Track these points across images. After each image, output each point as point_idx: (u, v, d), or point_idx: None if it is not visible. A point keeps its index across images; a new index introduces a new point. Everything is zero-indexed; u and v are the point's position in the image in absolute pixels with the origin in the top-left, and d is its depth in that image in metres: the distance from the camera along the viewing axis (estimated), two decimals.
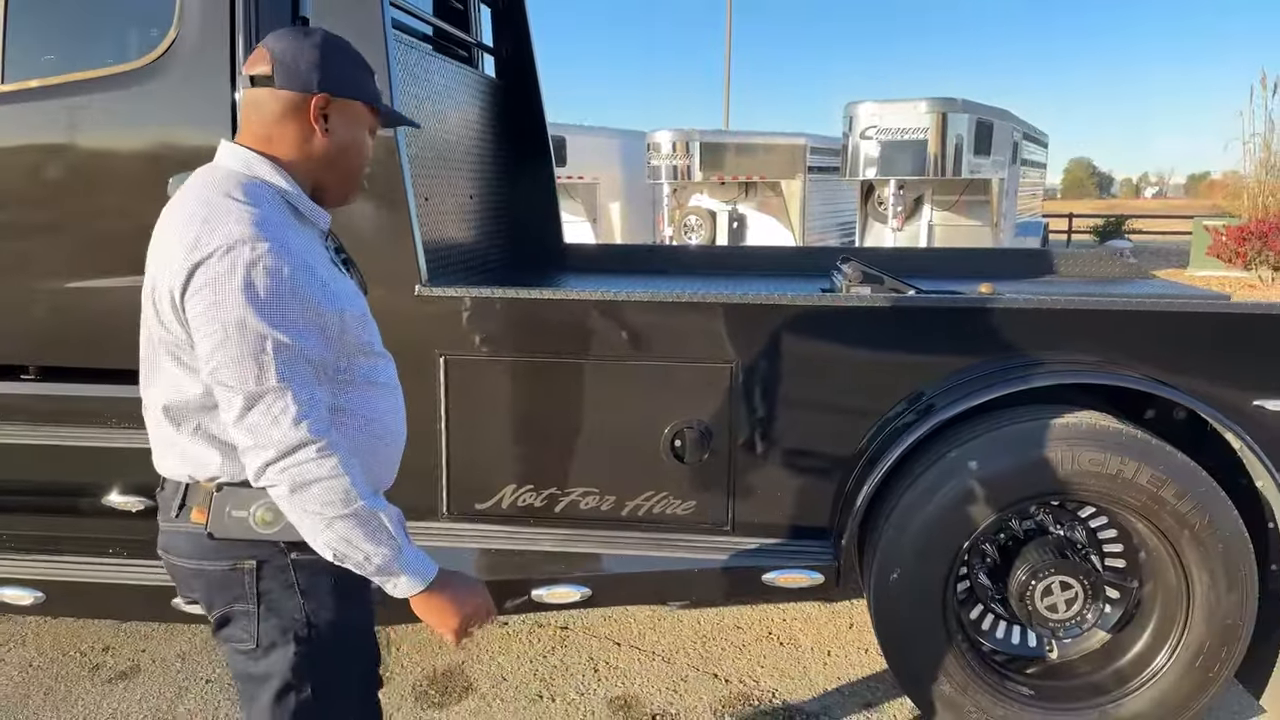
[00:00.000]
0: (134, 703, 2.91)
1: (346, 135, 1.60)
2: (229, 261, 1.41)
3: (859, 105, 12.53)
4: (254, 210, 1.46)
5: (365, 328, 1.62)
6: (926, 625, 2.58)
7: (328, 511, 1.44)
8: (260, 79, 1.55)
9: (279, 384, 1.42)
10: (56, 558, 2.91)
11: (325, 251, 1.60)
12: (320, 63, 1.56)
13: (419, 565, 1.52)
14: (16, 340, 2.96)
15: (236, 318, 1.40)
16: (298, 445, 1.43)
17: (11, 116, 2.83)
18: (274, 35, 1.61)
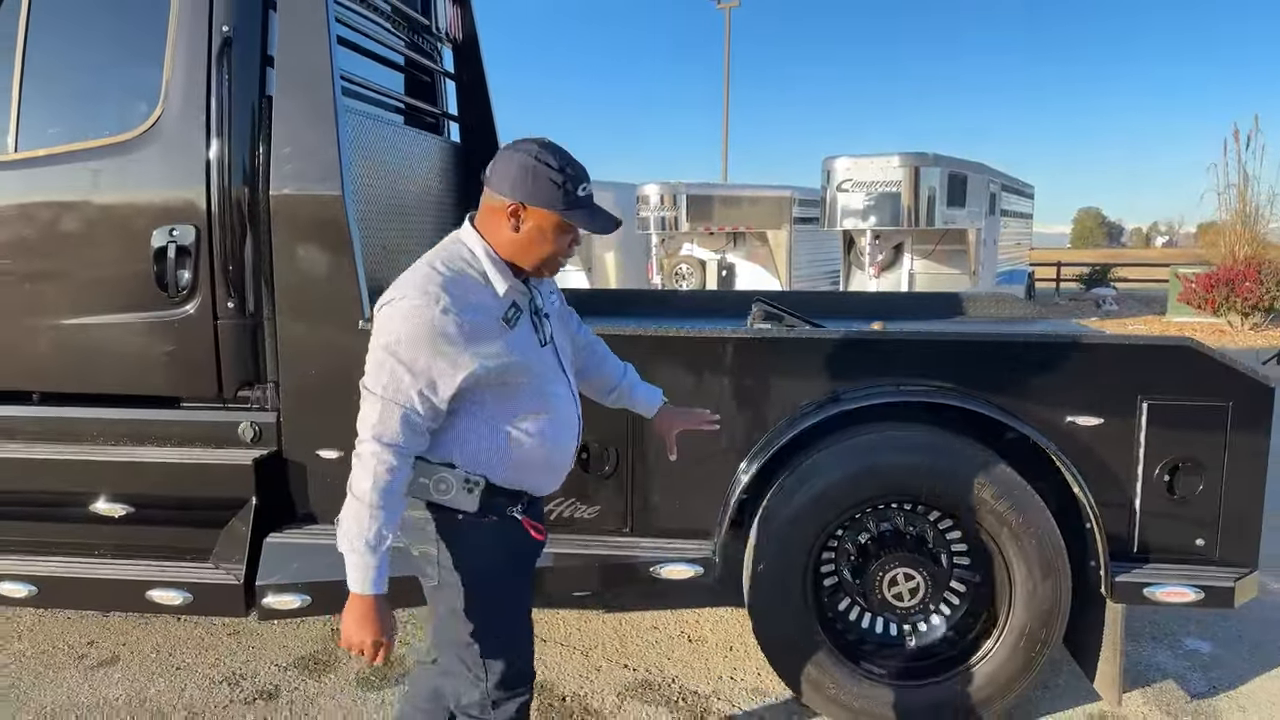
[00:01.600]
0: (112, 685, 3.33)
1: (534, 233, 1.97)
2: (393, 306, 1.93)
3: (836, 160, 13.12)
4: (442, 276, 1.93)
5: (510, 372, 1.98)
6: (789, 611, 2.99)
7: (353, 491, 1.93)
8: (486, 179, 2.00)
9: (379, 393, 1.91)
10: (47, 557, 3.36)
11: (503, 311, 1.98)
12: (522, 178, 1.93)
13: (363, 577, 1.92)
14: (23, 369, 3.44)
15: (380, 335, 1.93)
16: (365, 440, 1.93)
17: (24, 179, 3.35)
18: (509, 145, 2.01)
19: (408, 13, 4.38)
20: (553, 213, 1.94)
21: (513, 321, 1.99)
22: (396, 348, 1.90)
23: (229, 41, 3.23)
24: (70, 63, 3.40)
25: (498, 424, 2.01)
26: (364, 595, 1.92)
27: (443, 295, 1.90)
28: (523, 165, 1.94)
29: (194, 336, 3.30)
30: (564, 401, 2.12)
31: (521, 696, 2.12)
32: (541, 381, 2.06)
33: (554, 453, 2.11)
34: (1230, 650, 3.70)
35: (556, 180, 1.93)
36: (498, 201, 1.96)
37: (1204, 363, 2.92)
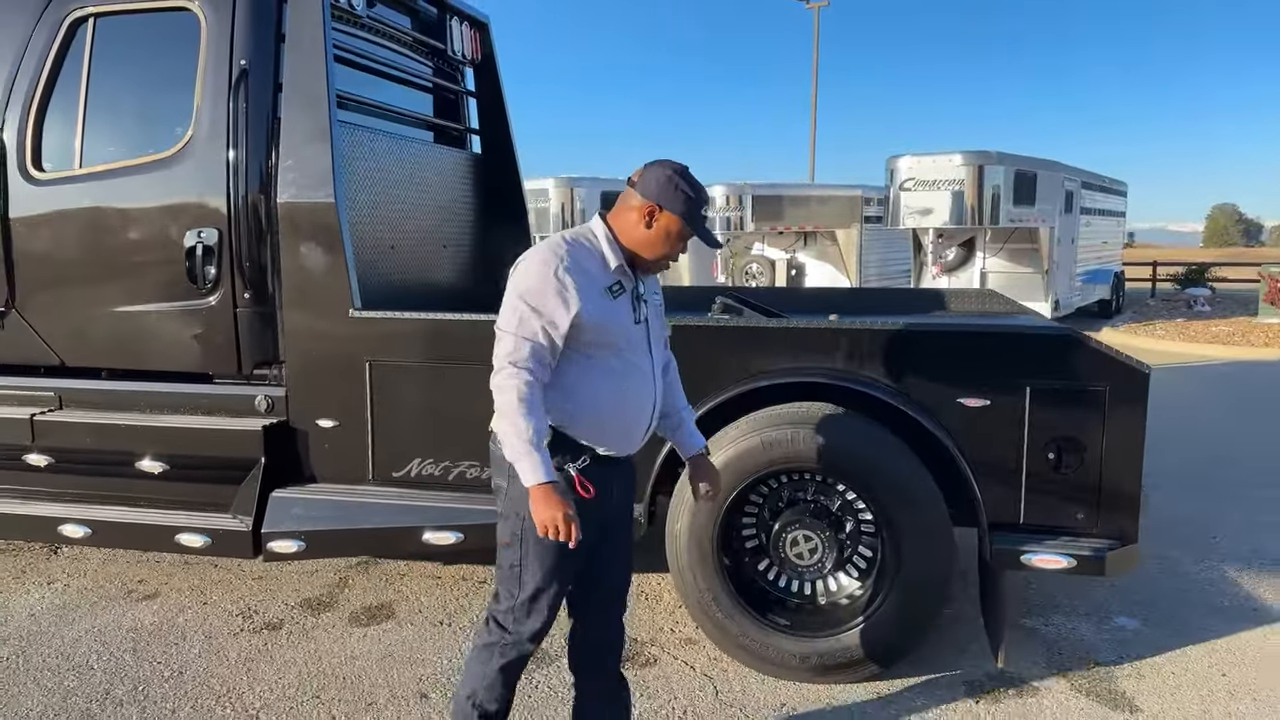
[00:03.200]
0: (149, 614, 3.97)
1: (659, 233, 2.39)
2: (527, 264, 2.35)
3: (899, 158, 13.21)
4: (566, 244, 2.37)
5: (605, 333, 2.37)
6: (700, 565, 3.38)
7: (503, 410, 2.31)
8: (631, 182, 2.42)
9: (512, 332, 2.31)
10: (101, 506, 4.03)
11: (611, 283, 2.38)
12: (666, 187, 2.37)
13: (534, 471, 2.26)
14: (89, 350, 4.11)
15: (515, 288, 2.34)
16: (503, 367, 2.31)
17: (87, 190, 4.02)
18: (653, 161, 2.44)
19: (420, 38, 4.93)
20: (680, 220, 2.38)
21: (615, 294, 2.40)
22: (526, 294, 2.31)
23: (245, 73, 3.82)
24: (123, 93, 4.06)
25: (584, 380, 2.38)
26: (540, 484, 2.26)
27: (565, 256, 2.33)
28: (669, 178, 2.38)
29: (218, 323, 3.92)
30: (645, 376, 2.49)
31: (537, 621, 2.49)
32: (629, 352, 2.43)
33: (627, 418, 2.47)
34: (1156, 628, 3.89)
35: (691, 196, 2.39)
36: (639, 201, 2.38)
37: (1084, 350, 3.17)
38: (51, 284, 4.08)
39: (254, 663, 3.54)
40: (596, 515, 2.45)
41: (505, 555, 2.49)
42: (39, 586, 4.26)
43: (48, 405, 4.13)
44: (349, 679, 3.42)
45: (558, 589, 2.51)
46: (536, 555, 2.43)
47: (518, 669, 2.57)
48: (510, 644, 2.51)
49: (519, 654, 2.53)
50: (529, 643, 2.52)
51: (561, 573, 2.49)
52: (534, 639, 2.52)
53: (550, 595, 2.49)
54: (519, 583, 2.46)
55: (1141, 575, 4.43)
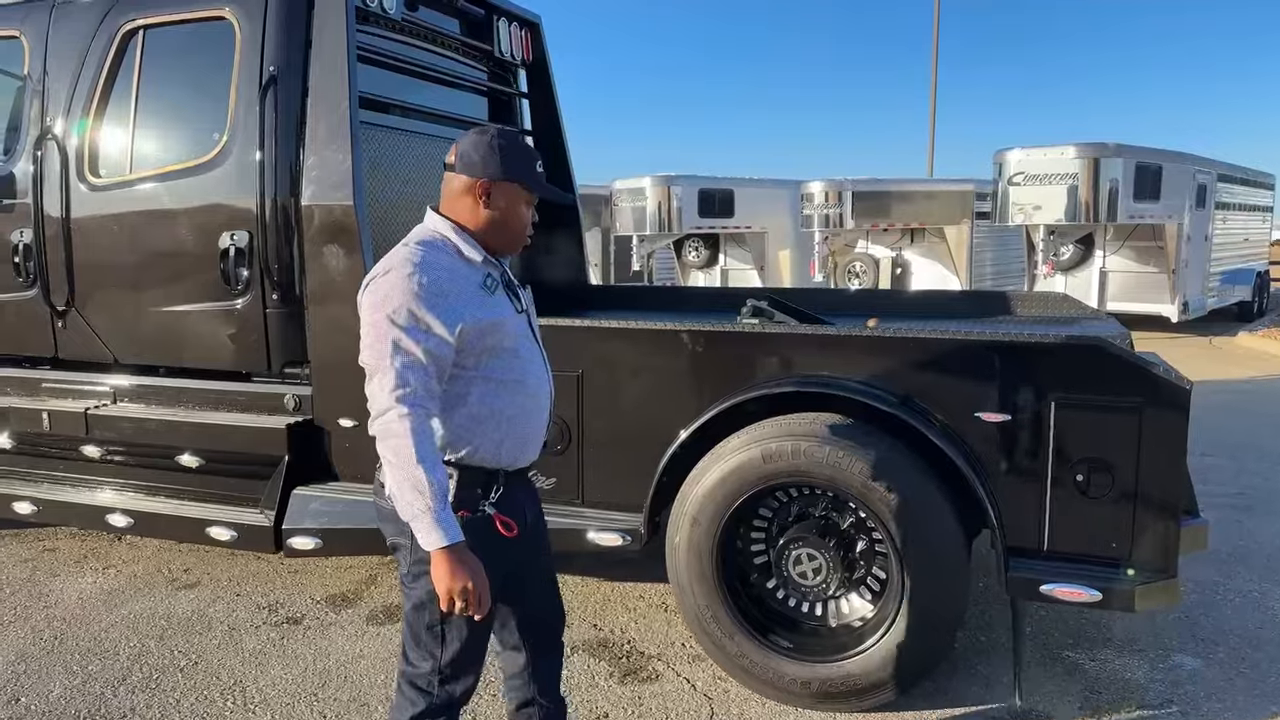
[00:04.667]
0: (185, 603, 4.12)
1: (503, 207, 2.15)
2: (381, 280, 2.04)
3: (1008, 152, 12.58)
4: (420, 250, 2.07)
5: (494, 335, 2.10)
6: (699, 580, 3.25)
7: (394, 461, 1.97)
8: (449, 165, 2.16)
9: (389, 363, 1.98)
10: (144, 496, 4.21)
11: (482, 277, 2.13)
12: (487, 156, 2.12)
13: (436, 533, 1.96)
14: (139, 347, 4.30)
15: (377, 309, 2.02)
16: (386, 408, 1.98)
17: (137, 195, 4.19)
18: (464, 135, 2.18)
19: (465, 40, 4.95)
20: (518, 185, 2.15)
21: (491, 289, 2.14)
22: (395, 315, 2.00)
23: (274, 79, 3.90)
24: (169, 101, 4.21)
25: (483, 396, 2.11)
26: (444, 548, 1.97)
27: (424, 263, 2.04)
28: (489, 145, 2.13)
29: (249, 323, 4.02)
30: (539, 368, 2.26)
31: (467, 680, 2.24)
32: (519, 345, 2.18)
33: (531, 423, 2.22)
34: (1218, 669, 3.52)
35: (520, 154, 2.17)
36: (467, 181, 2.13)
37: (1114, 362, 2.89)
38: (105, 285, 4.28)
39: (266, 656, 3.62)
40: (518, 547, 2.20)
41: (419, 617, 2.18)
42: (94, 571, 4.49)
43: (103, 400, 4.34)
44: (350, 677, 3.45)
45: (484, 639, 2.27)
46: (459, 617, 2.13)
47: None
48: (438, 707, 2.22)
49: (449, 717, 2.27)
50: (459, 703, 2.26)
51: (486, 623, 2.22)
52: (465, 697, 2.27)
53: (479, 648, 2.26)
54: (441, 643, 2.17)
55: (1218, 610, 4.04)
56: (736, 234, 17.18)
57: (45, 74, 4.34)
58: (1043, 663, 3.57)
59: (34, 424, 4.36)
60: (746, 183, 16.90)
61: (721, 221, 16.68)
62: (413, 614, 2.20)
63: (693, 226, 16.27)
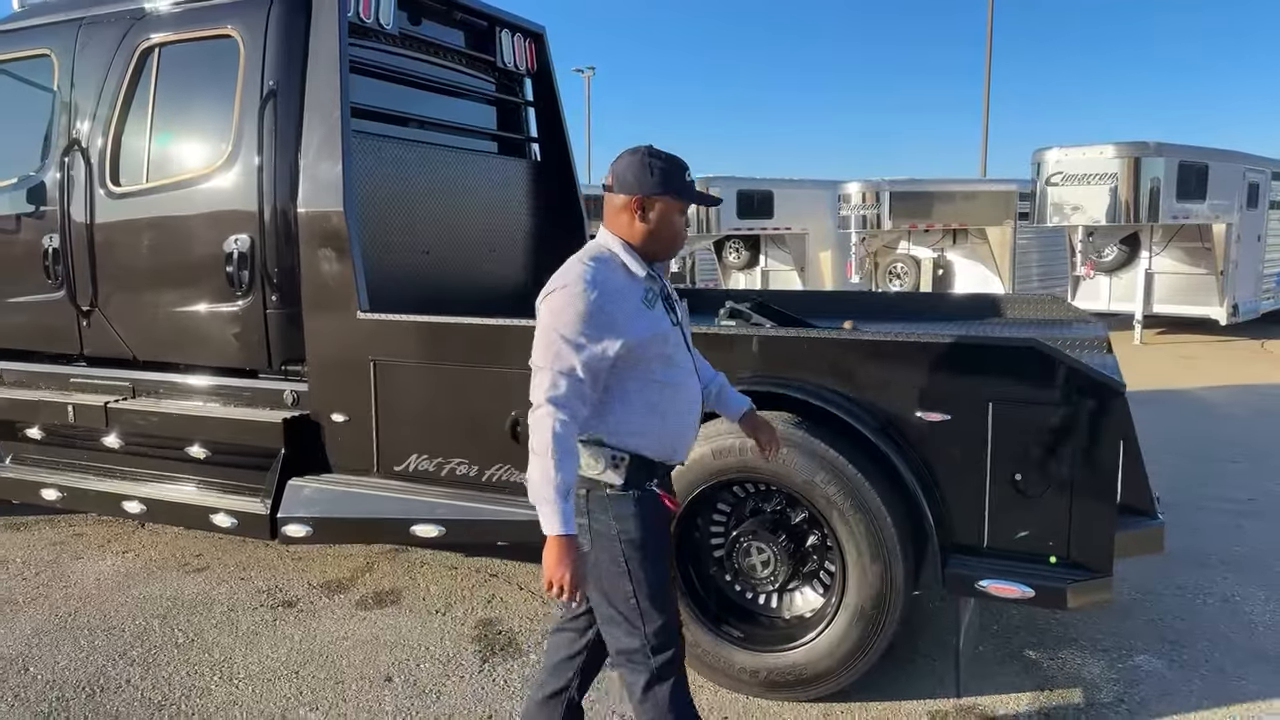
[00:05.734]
0: (193, 586, 4.39)
1: (657, 220, 2.36)
2: (557, 294, 2.26)
3: (1046, 151, 12.42)
4: (587, 266, 2.28)
5: (656, 346, 2.33)
6: None
7: (536, 450, 2.20)
8: (607, 187, 2.39)
9: (551, 368, 2.22)
10: (156, 484, 4.49)
11: (644, 293, 2.34)
12: (639, 174, 2.33)
13: (554, 522, 2.18)
14: (155, 345, 4.59)
15: (548, 322, 2.25)
16: (540, 403, 2.22)
17: (152, 202, 4.47)
18: (618, 159, 2.39)
19: (466, 51, 5.15)
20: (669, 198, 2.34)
21: (650, 303, 2.35)
22: (564, 328, 2.21)
23: (274, 92, 4.14)
24: (180, 116, 4.47)
25: (638, 397, 2.33)
26: (558, 536, 2.18)
27: (595, 279, 2.25)
28: (641, 163, 2.34)
29: (251, 323, 4.27)
30: (690, 376, 2.46)
31: (673, 647, 2.40)
32: (675, 354, 2.40)
33: (683, 425, 2.45)
34: (1179, 672, 3.53)
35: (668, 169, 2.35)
36: (624, 200, 2.34)
37: (1049, 364, 2.94)
38: (124, 286, 4.57)
39: (257, 636, 3.85)
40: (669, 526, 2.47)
41: (615, 589, 2.36)
42: (114, 555, 4.79)
43: (121, 394, 4.63)
44: (330, 658, 3.65)
45: (675, 606, 2.46)
46: (650, 582, 2.36)
47: (684, 688, 2.45)
48: (659, 675, 2.38)
49: (677, 678, 2.41)
50: (678, 661, 2.42)
51: (670, 583, 2.45)
52: (680, 655, 2.42)
53: (675, 609, 2.45)
54: (641, 615, 2.36)
55: (1195, 613, 4.05)
56: (777, 235, 17.21)
57: (72, 89, 4.66)
58: (1000, 660, 3.63)
59: (61, 416, 4.68)
60: (786, 183, 16.91)
61: (761, 222, 16.72)
62: (608, 590, 2.37)
63: (731, 228, 16.35)
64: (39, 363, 4.95)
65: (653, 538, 2.37)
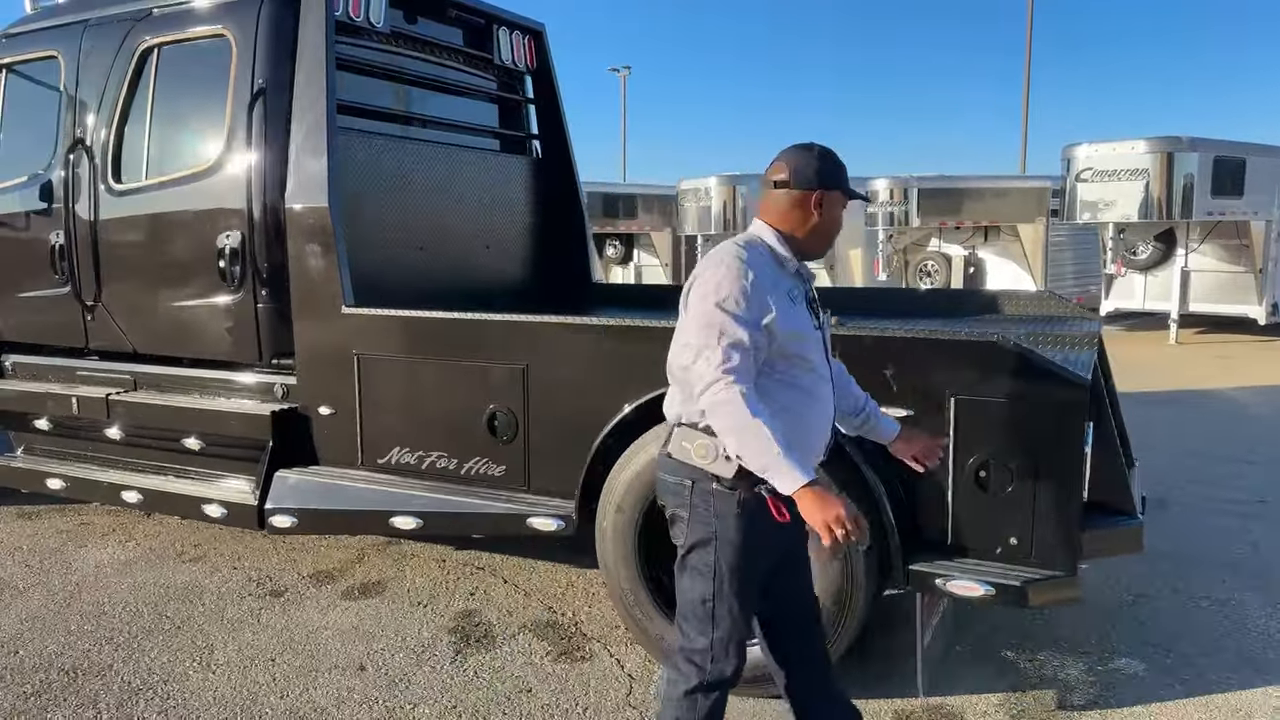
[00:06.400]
0: (187, 574, 4.48)
1: (830, 216, 2.37)
2: (710, 274, 2.24)
3: (1075, 147, 12.20)
4: (745, 250, 2.28)
5: (796, 344, 2.29)
6: (623, 564, 3.39)
7: (735, 426, 2.13)
8: (780, 183, 2.36)
9: (718, 345, 2.16)
10: (155, 475, 4.59)
11: (790, 287, 2.32)
12: (820, 170, 2.35)
13: (793, 472, 2.10)
14: (155, 339, 4.69)
15: (706, 299, 2.21)
16: (714, 380, 2.14)
17: (150, 198, 4.58)
18: (788, 153, 2.38)
19: (462, 48, 5.19)
20: (839, 193, 2.37)
21: (794, 299, 2.33)
22: (724, 302, 2.18)
23: (263, 91, 4.22)
24: (178, 114, 4.57)
25: (783, 392, 2.27)
26: (807, 486, 2.11)
27: (748, 262, 2.24)
28: (819, 157, 2.36)
29: (243, 317, 4.35)
30: (827, 385, 2.40)
31: (737, 659, 2.34)
32: (816, 359, 2.35)
33: (815, 433, 2.36)
34: (1161, 675, 3.45)
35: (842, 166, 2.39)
36: (800, 193, 2.33)
37: (1010, 359, 2.90)
38: (125, 281, 4.68)
39: (241, 624, 3.92)
40: (784, 540, 2.36)
41: (694, 588, 2.33)
42: (118, 544, 4.90)
43: (122, 387, 4.74)
44: (308, 646, 3.71)
45: (750, 619, 2.40)
46: (734, 590, 2.30)
47: (721, 711, 2.41)
48: (710, 684, 2.35)
49: (722, 694, 2.38)
50: (730, 682, 2.37)
51: (754, 609, 2.40)
52: (735, 677, 2.37)
53: (747, 626, 2.39)
54: (712, 619, 2.31)
55: (1186, 615, 3.96)
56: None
57: (77, 89, 4.78)
58: (977, 659, 3.58)
59: (66, 408, 4.81)
60: None
61: None
62: (688, 586, 2.35)
63: None
64: (52, 356, 5.08)
65: (749, 543, 2.28)
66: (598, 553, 3.50)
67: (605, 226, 18.17)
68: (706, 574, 2.29)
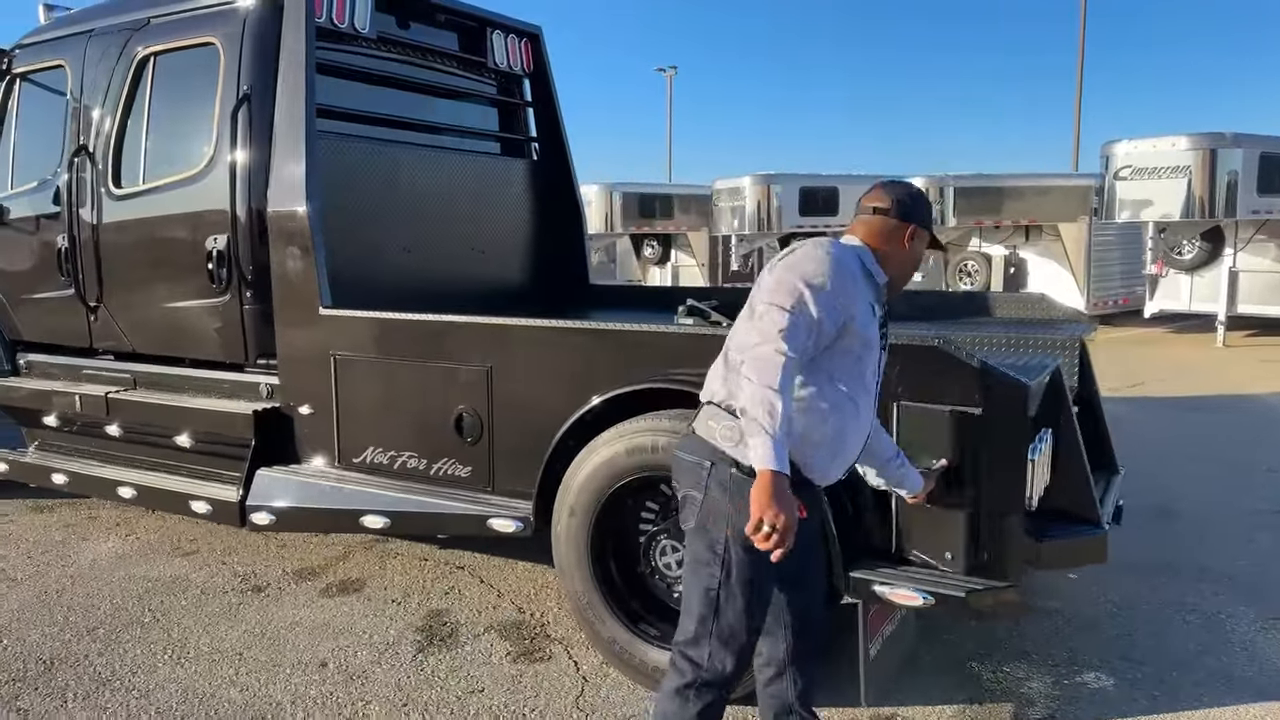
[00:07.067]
0: (176, 568, 4.60)
1: (917, 251, 2.46)
2: (801, 253, 2.28)
3: (1115, 144, 11.88)
4: (840, 246, 2.35)
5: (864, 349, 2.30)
6: (576, 567, 3.40)
7: (761, 382, 2.05)
8: (882, 210, 2.41)
9: (788, 309, 2.14)
10: (148, 472, 4.72)
11: (873, 299, 2.35)
12: (918, 206, 2.44)
13: (769, 455, 2.01)
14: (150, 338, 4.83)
15: (791, 270, 2.21)
16: (773, 339, 2.10)
17: (146, 202, 4.71)
18: (890, 186, 2.47)
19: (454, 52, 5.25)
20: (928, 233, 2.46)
21: (874, 312, 2.36)
22: (810, 278, 2.18)
23: (247, 98, 4.31)
24: (172, 120, 4.70)
25: (818, 398, 2.25)
26: (772, 471, 2.02)
27: (843, 257, 2.30)
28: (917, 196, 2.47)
29: (229, 318, 4.46)
30: (868, 406, 2.41)
31: (740, 656, 2.27)
32: (867, 371, 2.35)
33: (846, 446, 2.36)
34: (1129, 689, 3.35)
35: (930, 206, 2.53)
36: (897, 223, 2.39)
37: (952, 364, 2.84)
38: (124, 283, 4.83)
39: (218, 619, 4.01)
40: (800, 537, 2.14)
41: (699, 576, 2.25)
42: (119, 537, 5.06)
43: (120, 385, 4.89)
44: (277, 642, 3.78)
45: (759, 614, 2.29)
46: (741, 582, 2.20)
47: (717, 716, 2.32)
48: (706, 684, 2.26)
49: (717, 696, 2.28)
50: (729, 683, 2.28)
51: (765, 602, 2.29)
52: (736, 676, 2.29)
53: (753, 622, 2.28)
54: (716, 611, 2.22)
55: (1168, 629, 3.84)
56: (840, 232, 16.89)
57: (82, 96, 4.94)
58: (941, 669, 3.51)
59: (70, 406, 4.97)
60: (853, 179, 16.59)
61: (825, 220, 16.46)
62: (691, 573, 2.29)
63: (793, 226, 16.14)
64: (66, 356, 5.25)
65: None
66: (554, 555, 3.51)
67: (642, 227, 18.23)
68: (714, 562, 2.21)
